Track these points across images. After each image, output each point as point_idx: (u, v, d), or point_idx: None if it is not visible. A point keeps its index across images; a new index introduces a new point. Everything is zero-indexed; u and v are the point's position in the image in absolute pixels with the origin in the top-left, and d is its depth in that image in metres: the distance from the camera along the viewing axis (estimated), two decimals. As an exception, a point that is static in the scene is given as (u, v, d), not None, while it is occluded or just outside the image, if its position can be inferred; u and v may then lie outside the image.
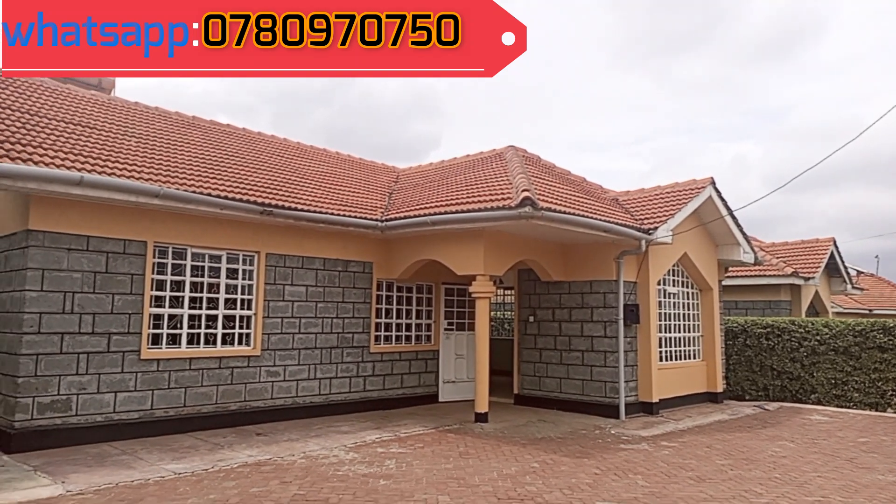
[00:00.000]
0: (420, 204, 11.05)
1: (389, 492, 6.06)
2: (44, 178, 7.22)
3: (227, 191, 9.12)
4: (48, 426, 7.56)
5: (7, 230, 8.09)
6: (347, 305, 10.92)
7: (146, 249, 8.53)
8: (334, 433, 8.94)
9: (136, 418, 8.25)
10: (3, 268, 8.11)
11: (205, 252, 9.26)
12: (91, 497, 5.74)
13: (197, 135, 11.47)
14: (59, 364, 7.68)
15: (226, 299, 9.46)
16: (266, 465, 7.00)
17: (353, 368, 10.90)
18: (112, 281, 8.18)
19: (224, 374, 9.22)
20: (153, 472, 6.58)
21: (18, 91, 9.59)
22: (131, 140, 9.63)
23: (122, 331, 8.21)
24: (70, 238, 7.87)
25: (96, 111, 10.30)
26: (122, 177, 8.01)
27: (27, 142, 7.82)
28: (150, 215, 8.57)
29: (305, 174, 11.87)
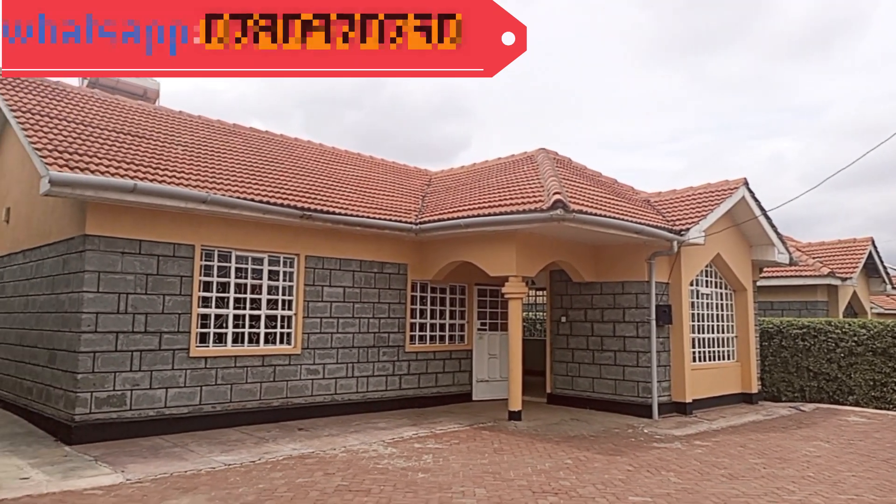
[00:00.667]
0: (453, 207, 11.31)
1: (428, 484, 6.31)
2: (100, 185, 7.67)
3: (268, 196, 9.50)
4: (105, 420, 8.01)
5: (65, 235, 8.58)
6: (383, 306, 11.23)
7: (194, 253, 8.95)
8: (372, 429, 9.24)
9: (185, 413, 8.66)
10: (62, 270, 8.60)
11: (248, 255, 9.65)
12: (149, 485, 6.12)
13: (238, 142, 11.92)
14: (114, 361, 8.13)
15: (268, 300, 9.84)
16: (310, 458, 7.32)
17: (389, 367, 11.20)
18: (162, 283, 8.61)
19: (267, 371, 9.60)
20: (204, 464, 6.95)
21: (72, 103, 10.12)
22: (178, 148, 10.09)
23: (173, 330, 8.64)
24: (124, 242, 8.32)
25: (144, 120, 10.79)
26: (172, 184, 8.44)
27: (83, 152, 8.29)
28: (197, 220, 8.99)
29: (341, 178, 12.22)
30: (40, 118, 8.89)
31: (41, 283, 9.32)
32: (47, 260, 9.15)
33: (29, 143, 8.09)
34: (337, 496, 5.83)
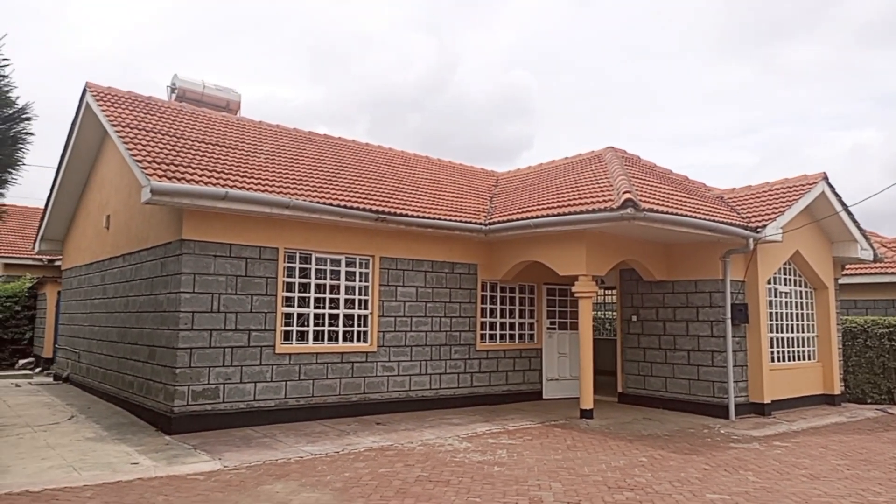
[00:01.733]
0: (521, 207, 11.47)
1: (504, 477, 6.52)
2: (195, 194, 8.27)
3: (345, 200, 9.95)
4: (200, 411, 8.61)
5: (163, 240, 9.27)
6: (454, 305, 11.51)
7: (278, 255, 9.48)
8: (446, 424, 9.53)
9: (272, 406, 9.19)
10: (160, 272, 9.29)
11: (327, 256, 10.13)
12: (244, 472, 6.59)
13: (314, 148, 12.47)
14: (208, 357, 8.73)
15: (345, 299, 10.29)
16: (389, 451, 7.66)
17: (461, 365, 11.47)
18: (250, 283, 9.17)
19: (345, 367, 10.04)
20: (293, 453, 7.40)
21: (165, 116, 10.87)
22: (260, 157, 10.69)
23: (260, 328, 9.19)
24: (216, 246, 8.92)
25: (229, 131, 11.47)
26: (258, 190, 8.99)
27: (178, 162, 8.94)
28: (280, 224, 9.51)
29: (412, 181, 12.59)
30: (138, 132, 9.62)
31: (140, 284, 10.07)
32: (146, 263, 9.89)
33: (130, 155, 8.79)
34: (418, 486, 6.12)
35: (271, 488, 5.96)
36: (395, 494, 5.79)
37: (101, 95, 10.76)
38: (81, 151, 12.69)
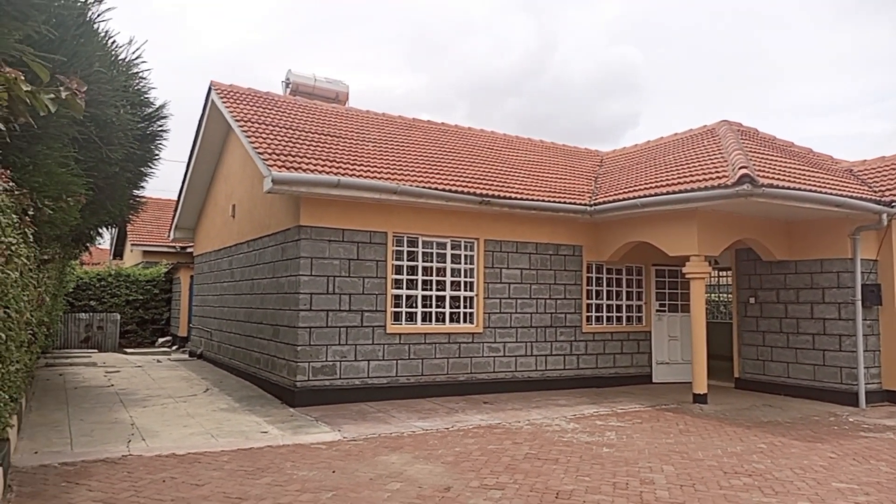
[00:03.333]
0: (628, 187, 11.19)
1: (614, 458, 6.50)
2: (311, 182, 8.77)
3: (449, 184, 10.15)
4: (319, 386, 9.18)
5: (283, 226, 9.90)
6: (559, 287, 11.47)
7: (387, 239, 9.86)
8: (553, 405, 9.57)
9: (384, 383, 9.64)
10: (281, 257, 9.94)
11: (433, 240, 10.40)
12: (362, 443, 7.00)
13: (418, 135, 12.77)
14: (325, 336, 9.27)
15: (451, 281, 10.53)
16: (497, 429, 7.84)
17: (567, 347, 11.44)
18: (362, 266, 9.61)
19: (452, 348, 10.32)
20: (405, 427, 7.75)
21: (281, 110, 11.53)
22: (368, 144, 11.11)
23: (372, 309, 9.63)
24: (330, 231, 9.41)
25: (339, 121, 11.99)
26: (368, 177, 9.38)
27: (295, 153, 9.49)
28: (388, 209, 9.88)
29: (515, 164, 12.60)
30: (259, 126, 10.29)
31: (264, 268, 10.82)
32: (268, 248, 10.60)
33: (252, 148, 9.44)
34: (527, 462, 6.24)
35: (388, 459, 6.30)
36: (504, 470, 5.95)
37: (224, 93, 11.57)
38: (208, 146, 13.72)
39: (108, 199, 7.66)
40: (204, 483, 5.39)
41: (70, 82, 1.95)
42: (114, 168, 6.81)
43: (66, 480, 5.41)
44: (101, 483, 5.35)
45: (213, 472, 5.73)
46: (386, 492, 5.23)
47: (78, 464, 5.93)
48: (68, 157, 5.28)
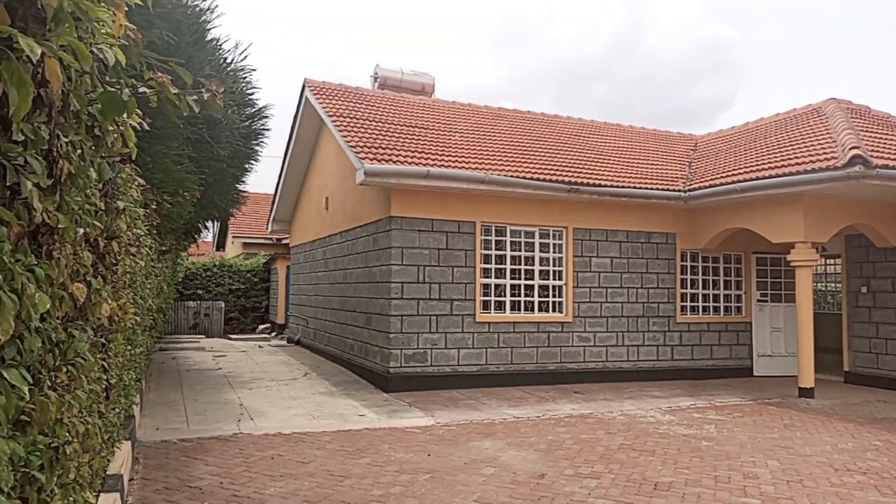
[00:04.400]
0: (725, 171, 10.72)
1: (714, 451, 6.31)
2: (401, 173, 8.98)
3: (537, 173, 10.10)
4: (411, 373, 9.42)
5: (375, 217, 10.19)
6: (651, 276, 11.17)
7: (475, 228, 9.94)
8: (646, 397, 9.37)
9: (474, 371, 9.76)
10: (373, 247, 10.24)
11: (521, 229, 10.39)
12: (455, 429, 7.14)
13: (505, 124, 12.74)
14: (416, 324, 9.49)
15: (539, 271, 10.49)
16: (589, 418, 7.77)
17: (660, 337, 11.13)
18: (451, 256, 9.75)
19: (541, 337, 10.29)
20: (496, 415, 7.83)
21: (370, 104, 11.83)
22: (455, 135, 11.21)
23: (461, 297, 9.76)
24: (419, 221, 9.60)
25: (426, 113, 12.17)
26: (456, 167, 9.49)
27: (385, 145, 9.73)
28: (476, 199, 9.95)
29: (604, 150, 12.34)
30: (350, 120, 10.62)
31: (356, 258, 11.19)
32: (360, 239, 10.95)
33: (345, 141, 9.76)
34: (622, 453, 6.17)
35: (480, 445, 6.40)
36: (598, 459, 5.91)
37: (317, 89, 12.00)
38: (302, 141, 14.28)
39: (215, 194, 8.17)
40: (309, 461, 5.69)
41: (210, 84, 2.14)
42: (221, 165, 7.26)
43: (185, 455, 5.86)
44: (216, 458, 5.76)
45: (317, 451, 6.03)
46: (481, 476, 5.33)
47: (194, 440, 6.40)
48: (182, 156, 5.68)
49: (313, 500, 4.70)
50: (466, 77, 73.57)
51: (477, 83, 72.47)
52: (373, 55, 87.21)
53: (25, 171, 1.26)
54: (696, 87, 70.38)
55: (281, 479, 5.18)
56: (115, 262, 3.10)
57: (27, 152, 1.26)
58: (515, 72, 79.73)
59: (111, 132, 1.85)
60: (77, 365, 2.56)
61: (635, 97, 71.10)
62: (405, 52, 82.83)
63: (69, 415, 2.44)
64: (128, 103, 1.57)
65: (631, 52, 70.65)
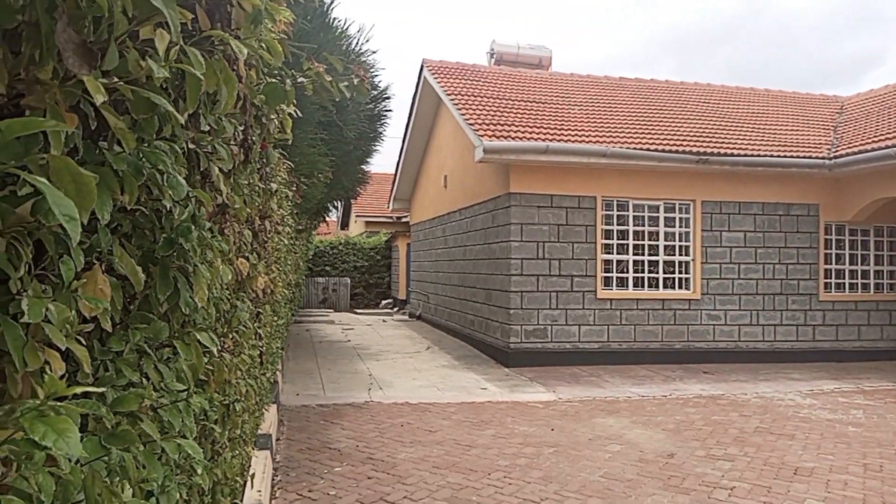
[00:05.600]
0: (878, 135, 9.73)
1: (862, 438, 5.85)
2: (520, 149, 8.96)
3: (662, 144, 9.69)
4: (531, 349, 9.46)
5: (493, 194, 10.26)
6: (790, 250, 10.41)
7: (596, 203, 9.73)
8: (784, 379, 8.82)
9: (595, 348, 9.63)
10: (492, 224, 10.33)
11: (644, 203, 10.04)
12: (577, 405, 7.12)
13: (626, 94, 12.29)
14: (536, 300, 9.50)
15: (664, 246, 10.11)
16: (721, 400, 7.45)
17: (800, 316, 10.39)
18: (571, 231, 9.63)
19: (667, 315, 9.94)
20: (620, 392, 7.72)
21: (487, 81, 11.84)
22: (574, 108, 10.98)
23: (581, 274, 9.63)
24: (538, 197, 9.55)
25: (543, 87, 11.99)
26: (575, 142, 9.31)
27: (503, 122, 9.73)
28: (597, 173, 9.72)
29: (736, 117, 11.59)
30: (468, 98, 10.70)
31: (475, 234, 11.34)
32: (479, 216, 11.07)
33: (463, 119, 9.86)
34: (758, 436, 5.88)
35: (604, 422, 6.35)
36: (732, 441, 5.68)
37: (435, 69, 12.18)
38: (421, 120, 14.58)
39: (343, 175, 8.58)
40: (436, 430, 5.93)
41: (357, 70, 2.29)
42: (348, 147, 7.60)
43: (323, 419, 6.30)
44: (351, 423, 6.14)
45: (443, 421, 6.26)
46: (606, 453, 5.30)
47: (331, 406, 6.86)
48: (316, 139, 6.01)
49: (442, 466, 4.90)
50: (582, 52, 70.92)
51: (593, 57, 69.68)
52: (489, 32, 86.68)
53: (214, 158, 1.43)
54: (839, 45, 63.44)
55: (411, 445, 5.45)
56: (267, 240, 3.38)
57: (215, 140, 1.42)
58: (633, 42, 75.84)
59: (272, 120, 2.04)
60: (240, 332, 2.85)
61: (768, 59, 65.41)
62: (520, 28, 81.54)
63: (235, 377, 2.73)
64: (288, 93, 1.74)
65: (762, 11, 64.92)
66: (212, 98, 1.42)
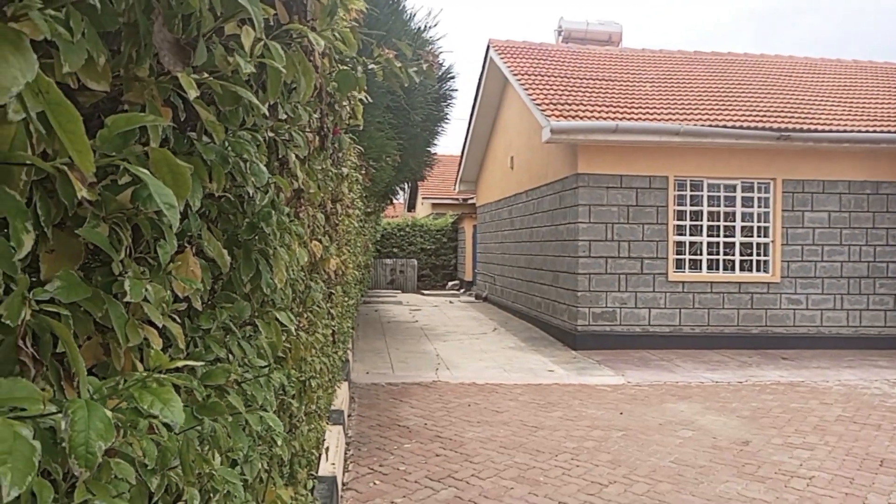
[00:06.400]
0: (985, 105, 8.96)
1: (958, 431, 5.50)
2: (588, 129, 8.78)
3: (739, 120, 9.28)
4: (599, 332, 9.34)
5: (561, 175, 10.12)
6: (879, 231, 9.80)
7: (668, 183, 9.45)
8: (870, 366, 8.37)
9: (666, 332, 9.41)
10: (560, 205, 10.21)
11: (719, 182, 9.66)
12: (647, 389, 7.00)
13: (701, 69, 11.82)
14: (604, 282, 9.35)
15: (742, 227, 9.71)
16: (800, 387, 7.16)
17: (889, 301, 9.80)
18: (641, 212, 9.40)
19: (743, 298, 9.58)
20: (692, 378, 7.53)
21: (555, 60, 11.63)
22: (646, 85, 10.64)
23: (652, 256, 9.40)
24: (607, 178, 9.35)
25: (613, 64, 11.68)
26: (646, 120, 9.05)
27: (570, 101, 9.56)
28: (669, 152, 9.42)
29: (820, 91, 10.96)
30: (535, 77, 10.55)
31: (542, 216, 11.23)
32: (546, 197, 10.95)
33: (530, 99, 9.74)
34: (839, 425, 5.63)
35: (675, 407, 6.23)
36: (812, 430, 5.46)
37: (501, 49, 12.06)
38: (487, 101, 14.50)
39: (410, 158, 8.66)
40: (503, 411, 5.97)
41: (426, 55, 2.32)
42: (415, 129, 7.67)
43: (392, 397, 6.46)
44: (419, 402, 6.27)
45: (510, 402, 6.30)
46: (677, 438, 5.21)
47: (399, 385, 7.01)
48: (384, 123, 6.10)
49: (509, 446, 4.95)
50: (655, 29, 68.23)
51: (667, 33, 66.95)
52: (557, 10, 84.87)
53: (291, 145, 1.49)
54: (942, 7, 58.37)
55: (478, 424, 5.51)
56: (338, 223, 3.48)
57: (292, 128, 1.48)
58: (709, 16, 72.30)
59: (344, 106, 2.10)
60: (314, 312, 2.96)
61: (855, 28, 61.00)
62: (590, 5, 79.43)
63: (310, 354, 2.84)
64: (360, 79, 1.78)
65: (853, -26, 60.47)
66: (289, 87, 1.48)
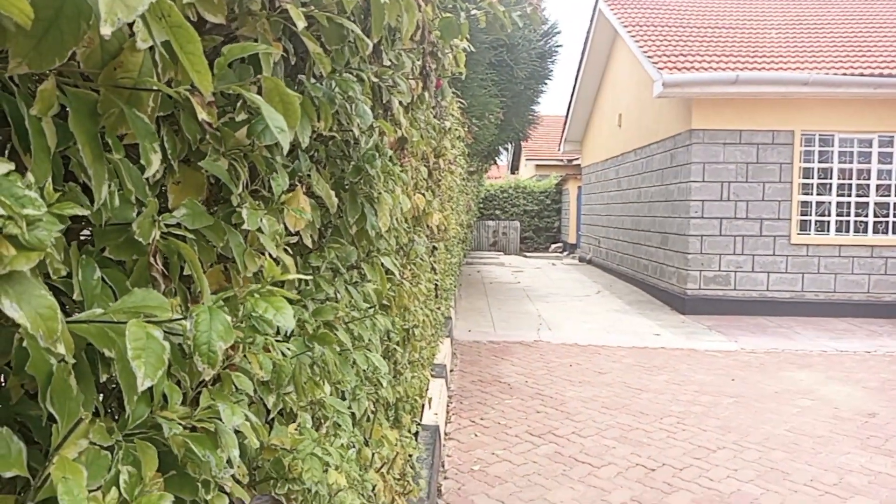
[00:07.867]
0: None
1: None
2: (705, 81, 8.25)
3: (879, 67, 8.38)
4: (711, 296, 8.92)
5: (672, 132, 9.62)
6: None
7: (793, 139, 8.74)
8: None
9: (786, 298, 8.84)
10: (670, 163, 9.73)
11: (853, 137, 8.82)
12: (762, 356, 6.64)
13: (835, 12, 10.74)
14: (718, 244, 8.88)
15: (877, 185, 8.85)
16: (941, 360, 6.53)
17: None
18: (762, 170, 8.78)
19: (876, 263, 8.79)
20: (812, 346, 7.05)
21: (671, 9, 10.95)
22: (771, 32, 9.81)
23: (773, 217, 8.80)
24: (724, 133, 8.78)
25: (735, 10, 10.85)
26: (770, 69, 8.37)
27: (686, 52, 9.00)
28: (796, 104, 8.69)
29: (983, 30, 9.63)
30: (647, 28, 10.01)
31: (651, 176, 10.77)
32: (656, 156, 10.47)
33: (641, 52, 9.27)
34: None
35: (794, 375, 5.88)
36: (953, 406, 4.98)
37: (611, 0, 11.51)
38: (595, 56, 13.95)
39: (513, 116, 8.55)
40: (605, 372, 5.89)
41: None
42: (519, 87, 7.54)
43: (493, 355, 6.54)
44: (520, 360, 6.31)
45: (613, 364, 6.20)
46: (794, 407, 4.93)
47: (500, 343, 7.08)
48: (486, 80, 6.04)
49: (611, 407, 4.89)
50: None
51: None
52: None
53: (395, 91, 1.51)
54: None
55: (580, 384, 5.48)
56: (440, 178, 3.52)
57: (395, 74, 1.50)
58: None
59: (447, 55, 2.10)
60: (417, 264, 3.03)
61: None
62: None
63: (414, 304, 2.92)
64: (462, 26, 1.77)
65: None
66: (392, 32, 1.50)
